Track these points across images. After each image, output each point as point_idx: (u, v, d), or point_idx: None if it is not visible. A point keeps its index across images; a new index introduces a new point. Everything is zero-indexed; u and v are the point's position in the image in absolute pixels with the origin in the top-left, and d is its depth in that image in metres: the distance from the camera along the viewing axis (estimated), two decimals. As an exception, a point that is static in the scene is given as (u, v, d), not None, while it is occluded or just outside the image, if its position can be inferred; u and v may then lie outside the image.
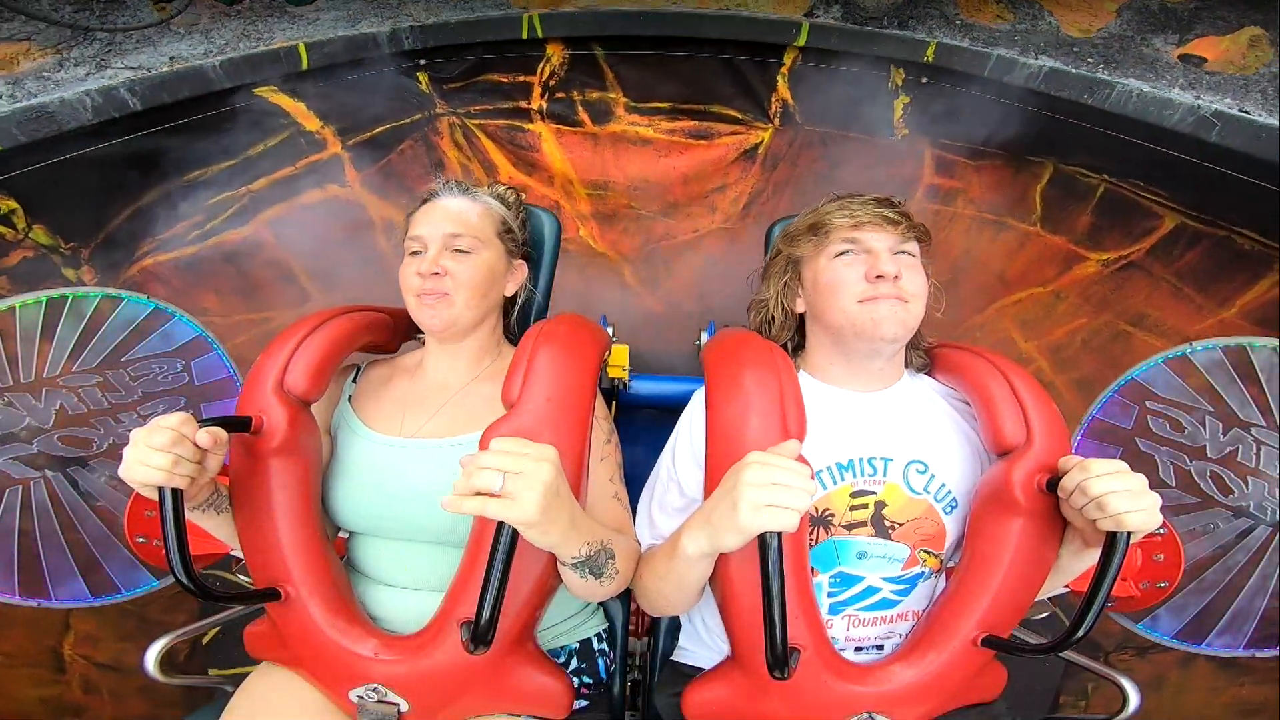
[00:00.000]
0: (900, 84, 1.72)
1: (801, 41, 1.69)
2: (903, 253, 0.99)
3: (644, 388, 1.48)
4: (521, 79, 1.90)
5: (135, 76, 1.45)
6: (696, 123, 2.01)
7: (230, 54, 1.58)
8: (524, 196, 1.24)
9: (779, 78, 1.84)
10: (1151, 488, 0.82)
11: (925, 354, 1.13)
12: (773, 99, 1.90)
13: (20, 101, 1.40)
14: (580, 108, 1.97)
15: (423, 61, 1.81)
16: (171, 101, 1.54)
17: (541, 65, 1.87)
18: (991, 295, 1.96)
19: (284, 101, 1.74)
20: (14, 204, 1.51)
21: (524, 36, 1.76)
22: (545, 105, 1.96)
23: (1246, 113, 1.32)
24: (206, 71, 1.53)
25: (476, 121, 2.02)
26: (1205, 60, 1.38)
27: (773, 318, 1.12)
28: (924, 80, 1.68)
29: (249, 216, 1.87)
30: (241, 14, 1.61)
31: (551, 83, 1.91)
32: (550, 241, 1.31)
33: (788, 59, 1.78)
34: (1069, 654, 1.05)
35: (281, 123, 1.78)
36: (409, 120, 1.95)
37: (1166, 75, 1.42)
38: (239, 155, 1.76)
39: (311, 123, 1.81)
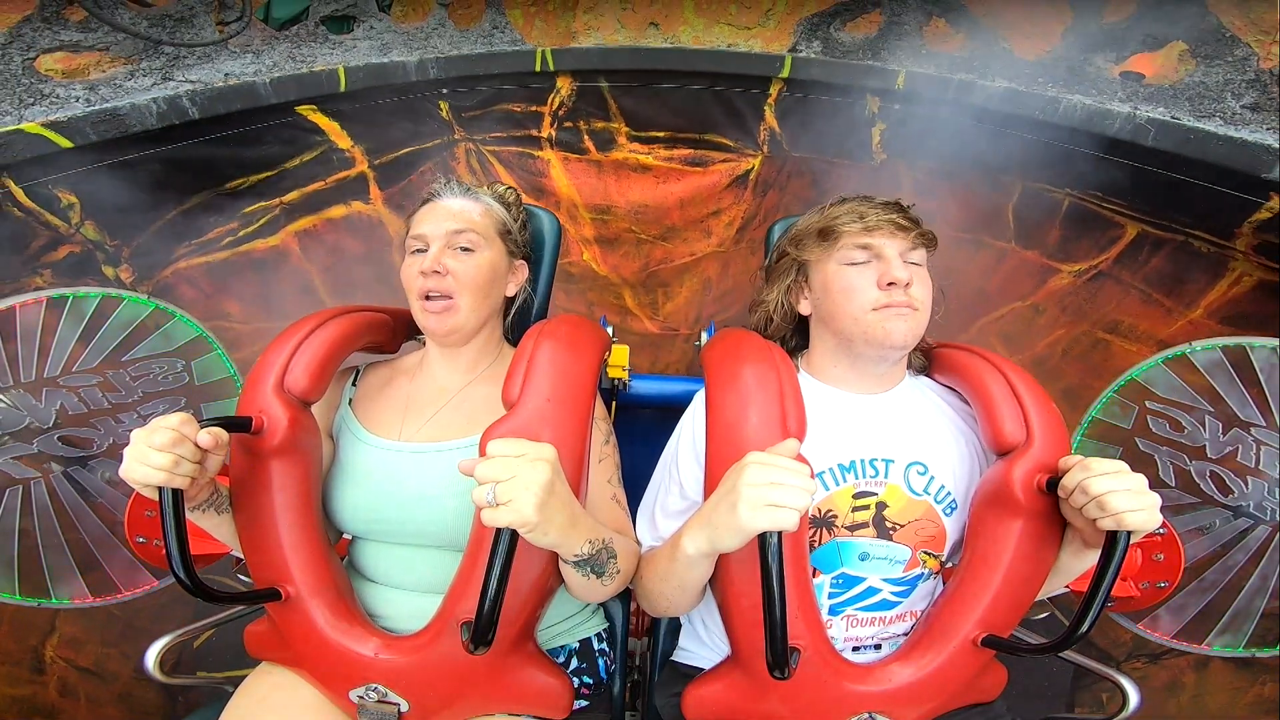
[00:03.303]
0: (876, 111, 1.82)
1: (785, 74, 1.80)
2: (912, 260, 0.98)
3: (644, 388, 1.47)
4: (533, 109, 1.99)
5: (195, 89, 1.59)
6: (692, 150, 2.10)
7: (277, 73, 1.72)
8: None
9: (766, 108, 1.93)
10: (1151, 488, 0.79)
11: (925, 355, 1.14)
12: (761, 128, 1.99)
13: (95, 105, 1.52)
14: (586, 136, 2.06)
15: (444, 90, 1.92)
16: (225, 113, 1.66)
17: (552, 96, 1.97)
18: (975, 312, 2.01)
19: (321, 120, 1.84)
20: (74, 199, 1.58)
21: (536, 69, 1.88)
22: (554, 134, 2.06)
23: (1177, 119, 1.44)
24: (258, 88, 1.67)
25: (491, 148, 2.11)
26: (1144, 76, 1.47)
27: (771, 318, 1.11)
28: (896, 107, 1.77)
29: (278, 227, 1.95)
30: (289, 38, 1.74)
31: (561, 112, 2.00)
32: (550, 242, 1.30)
33: (773, 90, 1.87)
34: (1069, 654, 1.04)
35: (317, 140, 1.88)
36: (430, 144, 2.04)
37: (1108, 90, 1.52)
38: (277, 168, 1.85)
39: (344, 141, 1.91)
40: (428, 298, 1.02)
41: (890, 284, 0.93)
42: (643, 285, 2.38)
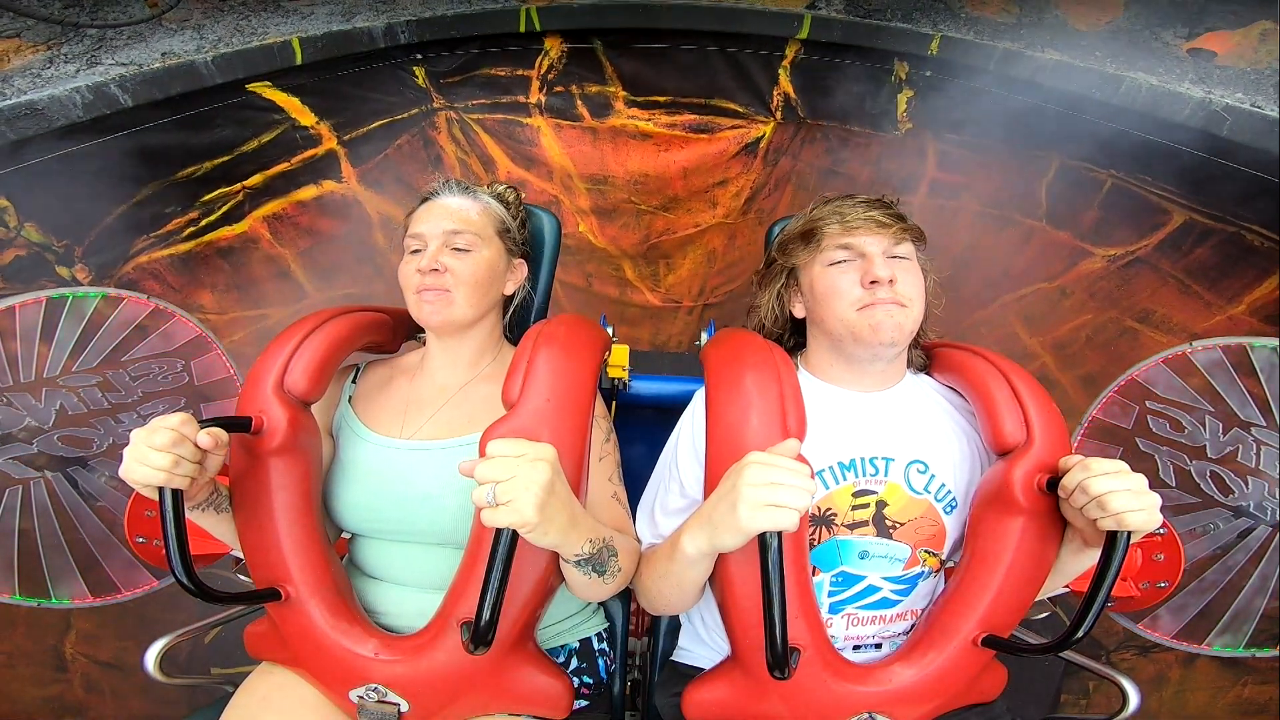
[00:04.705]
0: (904, 77, 1.72)
1: (804, 34, 1.69)
2: (897, 255, 1.00)
3: (644, 388, 1.48)
4: (519, 73, 1.90)
5: (126, 73, 1.45)
6: (697, 116, 1.99)
7: (223, 49, 1.57)
8: (523, 194, 1.25)
9: (781, 71, 1.83)
10: (1151, 488, 0.83)
11: (925, 353, 1.14)
12: (775, 92, 1.89)
13: (9, 99, 1.39)
14: (579, 101, 1.96)
15: (419, 55, 1.80)
16: (163, 98, 1.54)
17: (540, 59, 1.87)
18: (996, 290, 1.96)
19: (278, 97, 1.74)
20: (4, 202, 1.51)
21: (521, 30, 1.76)
22: (544, 99, 1.95)
23: (1259, 107, 1.32)
24: (199, 67, 1.53)
25: (474, 116, 2.00)
26: (1215, 54, 1.38)
27: (763, 324, 1.14)
28: (928, 74, 1.68)
29: (244, 213, 1.87)
30: (234, 9, 1.62)
31: (550, 76, 1.91)
32: (550, 241, 1.31)
33: (790, 52, 1.77)
34: (1069, 654, 1.06)
35: (275, 118, 1.77)
36: (406, 115, 1.94)
37: (1176, 69, 1.40)
38: (233, 151, 1.76)
39: (306, 118, 1.81)
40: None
41: (873, 282, 0.93)
42: (643, 257, 2.32)
